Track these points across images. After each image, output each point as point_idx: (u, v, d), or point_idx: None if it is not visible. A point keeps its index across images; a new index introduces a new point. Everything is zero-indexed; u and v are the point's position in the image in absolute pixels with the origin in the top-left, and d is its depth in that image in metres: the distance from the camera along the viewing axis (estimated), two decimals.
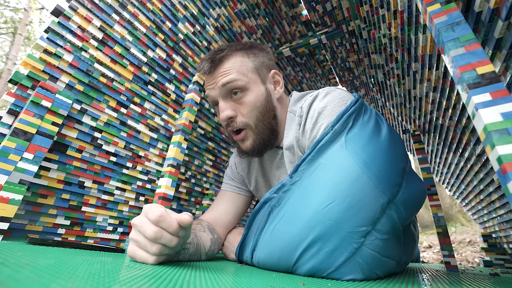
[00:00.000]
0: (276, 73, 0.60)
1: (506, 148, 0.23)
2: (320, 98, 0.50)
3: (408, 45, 0.71)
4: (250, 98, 0.53)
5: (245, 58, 0.55)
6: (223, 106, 0.54)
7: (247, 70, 0.54)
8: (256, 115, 0.54)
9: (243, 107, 0.54)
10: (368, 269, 0.36)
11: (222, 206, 0.64)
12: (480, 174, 0.91)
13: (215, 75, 0.54)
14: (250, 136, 0.55)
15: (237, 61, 0.54)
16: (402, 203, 0.39)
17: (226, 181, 0.70)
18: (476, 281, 0.46)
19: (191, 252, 0.43)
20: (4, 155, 0.41)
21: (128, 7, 0.64)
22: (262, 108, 0.54)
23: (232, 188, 0.68)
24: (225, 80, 0.52)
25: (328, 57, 1.32)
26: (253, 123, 0.54)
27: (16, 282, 0.15)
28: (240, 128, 0.55)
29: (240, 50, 0.56)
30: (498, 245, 1.21)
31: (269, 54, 0.61)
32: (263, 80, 0.56)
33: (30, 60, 0.48)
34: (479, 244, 2.56)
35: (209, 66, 0.54)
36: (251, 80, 0.54)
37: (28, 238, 0.37)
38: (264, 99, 0.55)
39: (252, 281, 0.28)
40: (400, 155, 0.43)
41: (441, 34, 0.32)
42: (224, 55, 0.54)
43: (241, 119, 0.54)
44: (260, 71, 0.56)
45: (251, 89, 0.54)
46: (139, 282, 0.19)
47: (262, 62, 0.57)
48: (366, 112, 0.47)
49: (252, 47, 0.58)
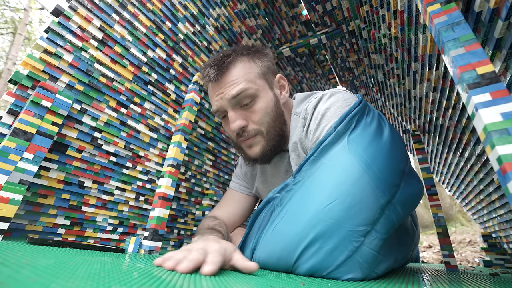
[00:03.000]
0: (282, 78, 0.59)
1: (506, 148, 0.23)
2: (324, 99, 0.50)
3: (408, 45, 0.71)
4: (261, 105, 0.53)
5: (251, 63, 0.54)
6: (233, 116, 0.52)
7: (255, 77, 0.53)
8: (268, 122, 0.53)
9: (254, 114, 0.53)
10: (367, 268, 0.36)
11: (229, 207, 0.65)
12: (480, 174, 0.91)
13: (222, 85, 0.52)
14: (260, 142, 0.54)
15: (245, 67, 0.53)
16: (400, 204, 0.40)
17: (234, 179, 0.71)
18: (476, 281, 0.46)
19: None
20: (4, 155, 0.41)
21: (128, 7, 0.64)
22: (273, 114, 0.54)
23: (241, 188, 0.69)
24: (235, 92, 0.51)
25: (328, 57, 1.32)
26: (265, 130, 0.54)
27: (16, 282, 0.15)
28: (251, 136, 0.54)
29: (245, 56, 0.55)
30: (498, 245, 1.21)
31: (271, 58, 0.60)
32: (271, 86, 0.56)
33: (30, 60, 0.48)
34: (479, 244, 2.56)
35: (216, 73, 0.52)
36: (260, 87, 0.53)
37: (28, 238, 0.37)
38: (274, 104, 0.54)
39: (252, 281, 0.28)
40: (400, 157, 0.44)
41: (441, 34, 0.32)
42: (231, 61, 0.53)
43: (252, 127, 0.53)
44: (267, 77, 0.56)
45: (261, 96, 0.53)
46: (139, 282, 0.19)
47: (267, 67, 0.56)
48: (369, 114, 0.47)
49: (256, 51, 0.57)
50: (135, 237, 0.54)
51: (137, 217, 0.67)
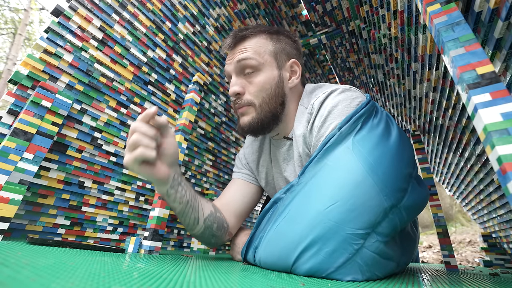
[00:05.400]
0: (295, 63, 0.58)
1: (506, 148, 0.23)
2: (332, 96, 0.50)
3: (408, 45, 0.71)
4: (260, 79, 0.54)
5: (267, 40, 0.56)
6: (233, 82, 0.55)
7: (264, 52, 0.54)
8: (263, 97, 0.54)
9: (252, 86, 0.54)
10: (368, 271, 0.36)
11: (229, 193, 0.64)
12: (480, 174, 0.91)
13: (235, 51, 0.56)
14: (251, 113, 0.55)
15: (258, 41, 0.55)
16: (405, 209, 0.39)
17: (235, 169, 0.70)
18: (476, 281, 0.46)
19: (188, 198, 0.46)
20: (4, 155, 0.41)
21: (128, 7, 0.64)
22: (270, 91, 0.54)
23: (242, 175, 0.67)
24: (240, 57, 0.53)
25: (328, 57, 1.32)
26: (258, 103, 0.54)
27: (16, 282, 0.15)
28: (244, 105, 0.55)
29: (264, 33, 0.57)
30: (498, 245, 1.21)
31: (295, 44, 0.61)
32: (279, 66, 0.56)
33: (30, 60, 0.48)
34: (479, 244, 2.56)
35: (231, 42, 0.56)
36: (266, 62, 0.54)
37: (28, 238, 0.37)
38: (275, 83, 0.54)
39: (253, 281, 0.28)
40: (408, 160, 0.43)
41: (441, 34, 0.32)
42: (247, 34, 0.55)
43: (247, 97, 0.54)
44: (278, 56, 0.56)
45: (264, 70, 0.54)
46: (139, 282, 0.19)
47: (283, 48, 0.57)
48: (377, 115, 0.46)
49: (278, 32, 0.59)
50: (135, 237, 0.54)
51: (137, 217, 0.67)
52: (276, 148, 0.61)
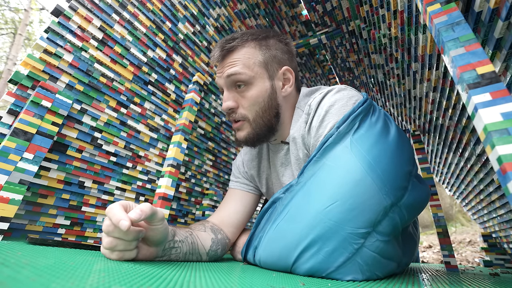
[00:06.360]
0: (288, 70, 0.56)
1: (506, 148, 0.23)
2: (329, 96, 0.50)
3: (408, 45, 0.71)
4: (252, 93, 0.53)
5: (256, 50, 0.54)
6: (226, 96, 0.54)
7: (254, 64, 0.53)
8: (256, 111, 0.53)
9: (245, 100, 0.53)
10: (368, 270, 0.36)
11: (230, 206, 0.62)
12: (480, 174, 0.91)
13: (224, 64, 0.54)
14: (246, 129, 0.55)
15: (247, 52, 0.53)
16: (406, 207, 0.39)
17: (233, 178, 0.69)
18: (476, 281, 0.46)
19: (185, 251, 0.42)
20: (4, 155, 0.41)
21: (128, 7, 0.64)
22: (263, 104, 0.53)
23: (240, 186, 0.66)
24: (229, 72, 0.52)
25: (328, 57, 1.32)
26: (252, 118, 0.54)
27: (16, 282, 0.15)
28: (238, 119, 0.55)
29: (252, 41, 0.54)
30: (498, 245, 1.21)
31: (286, 47, 0.58)
32: (271, 76, 0.54)
33: (30, 60, 0.48)
34: (479, 244, 2.56)
35: (219, 55, 0.54)
36: (257, 74, 0.53)
37: (28, 238, 0.37)
38: (268, 96, 0.53)
39: (253, 281, 0.28)
40: (407, 158, 0.43)
41: (441, 34, 0.32)
42: (234, 45, 0.54)
43: (241, 111, 0.54)
44: (269, 66, 0.54)
45: (255, 84, 0.53)
46: (139, 282, 0.19)
47: (273, 56, 0.55)
48: (375, 113, 0.46)
49: (266, 37, 0.56)
50: None
51: None
52: (274, 153, 0.61)
